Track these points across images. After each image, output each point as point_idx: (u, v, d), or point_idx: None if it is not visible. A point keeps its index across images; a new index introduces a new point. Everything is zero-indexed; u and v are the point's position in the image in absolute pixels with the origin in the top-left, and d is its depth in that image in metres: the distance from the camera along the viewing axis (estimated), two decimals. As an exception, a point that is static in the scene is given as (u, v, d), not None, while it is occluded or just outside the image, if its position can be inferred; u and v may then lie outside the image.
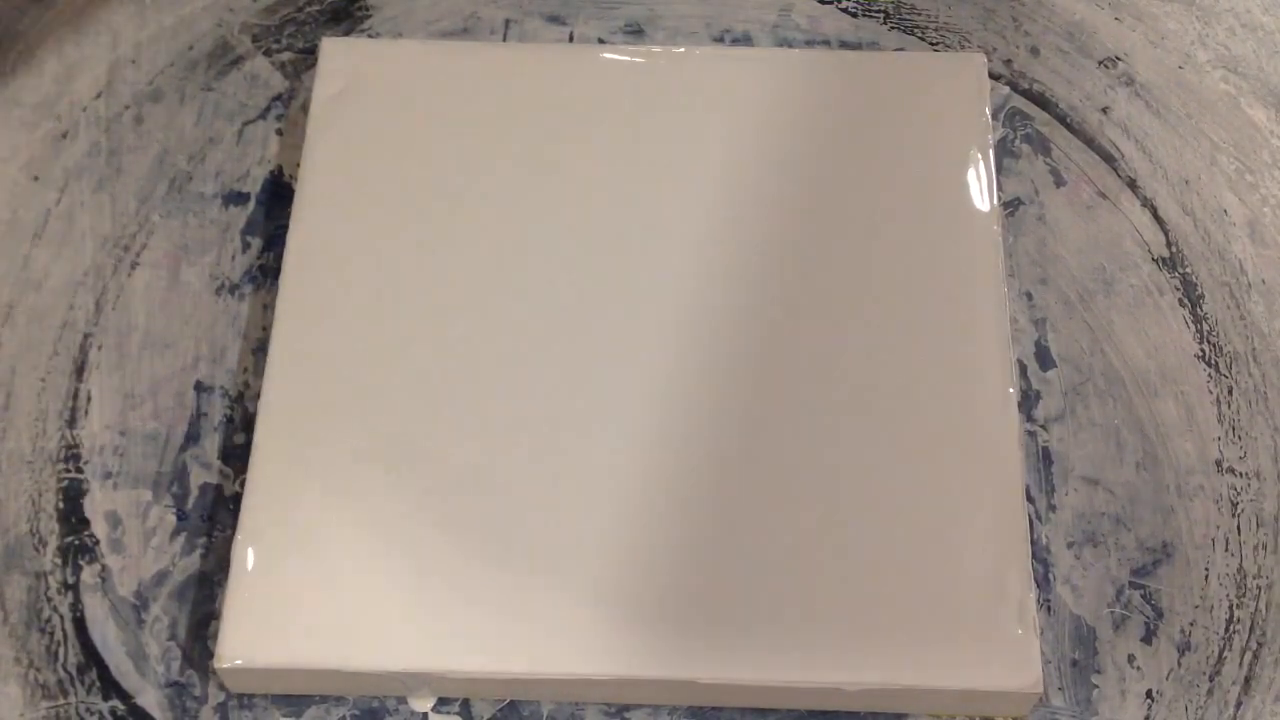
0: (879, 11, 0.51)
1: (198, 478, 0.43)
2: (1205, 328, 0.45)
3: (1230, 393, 0.44)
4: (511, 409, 0.42)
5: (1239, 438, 0.44)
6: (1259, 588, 0.42)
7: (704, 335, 0.43)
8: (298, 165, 0.46)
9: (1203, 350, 0.45)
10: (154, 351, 0.45)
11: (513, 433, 0.41)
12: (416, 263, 0.44)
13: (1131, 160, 0.48)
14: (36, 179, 0.48)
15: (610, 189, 0.45)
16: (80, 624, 0.41)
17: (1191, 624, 0.41)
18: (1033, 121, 0.49)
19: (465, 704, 0.40)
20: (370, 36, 0.50)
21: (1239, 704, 0.40)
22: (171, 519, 0.42)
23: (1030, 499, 0.43)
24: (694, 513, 0.40)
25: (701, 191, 0.45)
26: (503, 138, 0.46)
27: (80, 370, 0.44)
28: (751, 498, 0.41)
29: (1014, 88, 0.50)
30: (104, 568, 0.42)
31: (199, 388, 0.44)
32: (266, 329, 0.45)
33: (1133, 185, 0.48)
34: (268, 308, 0.45)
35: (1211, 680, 0.40)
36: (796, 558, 0.40)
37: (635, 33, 0.51)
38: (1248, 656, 0.41)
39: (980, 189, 0.45)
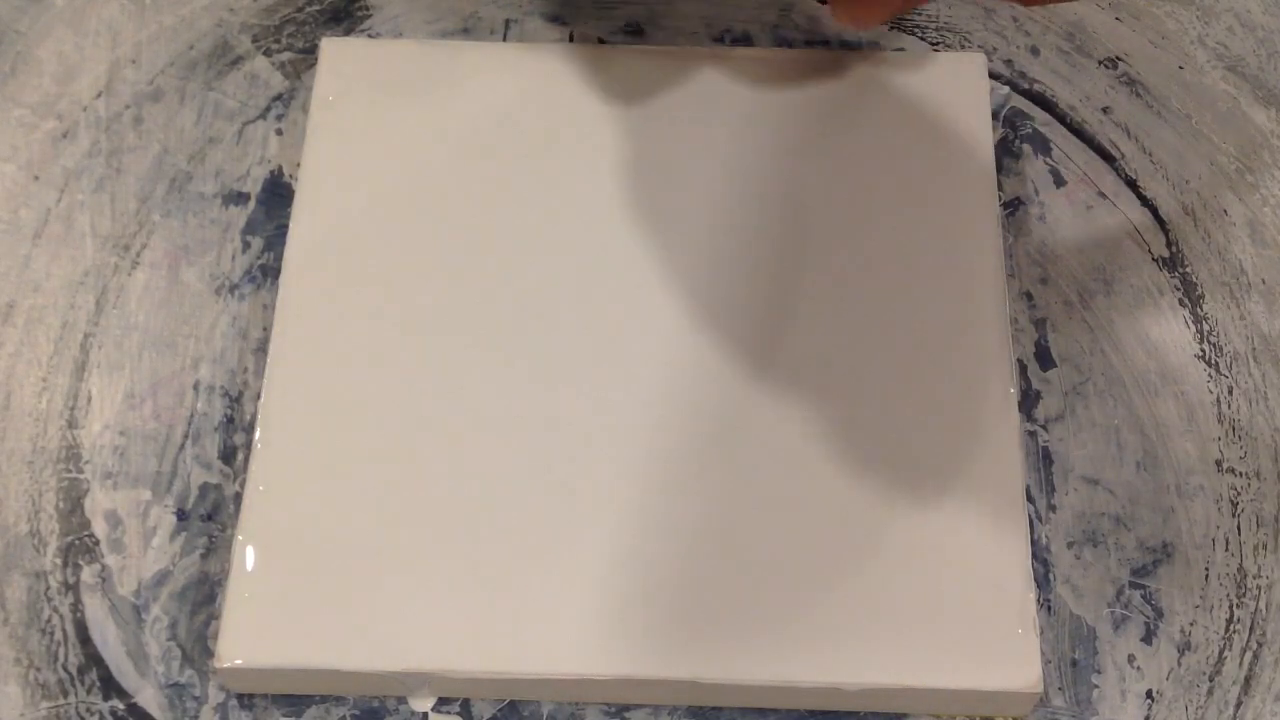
0: (879, 11, 0.51)
1: (198, 478, 0.43)
2: (1205, 328, 0.45)
3: (1230, 393, 0.44)
4: (512, 408, 0.42)
5: (1239, 438, 0.44)
6: (1259, 588, 0.42)
7: (704, 333, 0.43)
8: (298, 165, 0.46)
9: (1203, 350, 0.45)
10: (154, 351, 0.45)
11: (513, 432, 0.41)
12: (416, 262, 0.44)
13: (1131, 160, 0.48)
14: (36, 179, 0.48)
15: (610, 188, 0.45)
16: (80, 624, 0.41)
17: (1191, 624, 0.41)
18: (1033, 121, 0.49)
19: (465, 704, 0.40)
20: (370, 36, 0.50)
21: (1239, 704, 0.40)
22: (171, 519, 0.42)
23: (1030, 499, 0.43)
24: (694, 512, 0.40)
25: (701, 191, 0.45)
26: (503, 138, 0.46)
27: (80, 370, 0.44)
28: (751, 497, 0.41)
29: (1014, 88, 0.50)
30: (104, 568, 0.42)
31: (199, 388, 0.44)
32: (266, 329, 0.45)
33: (1133, 185, 0.48)
34: (268, 308, 0.45)
35: (1211, 680, 0.40)
36: (797, 558, 0.40)
37: (635, 33, 0.51)
38: (1248, 656, 0.41)
39: (980, 189, 0.45)
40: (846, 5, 0.40)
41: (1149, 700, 0.40)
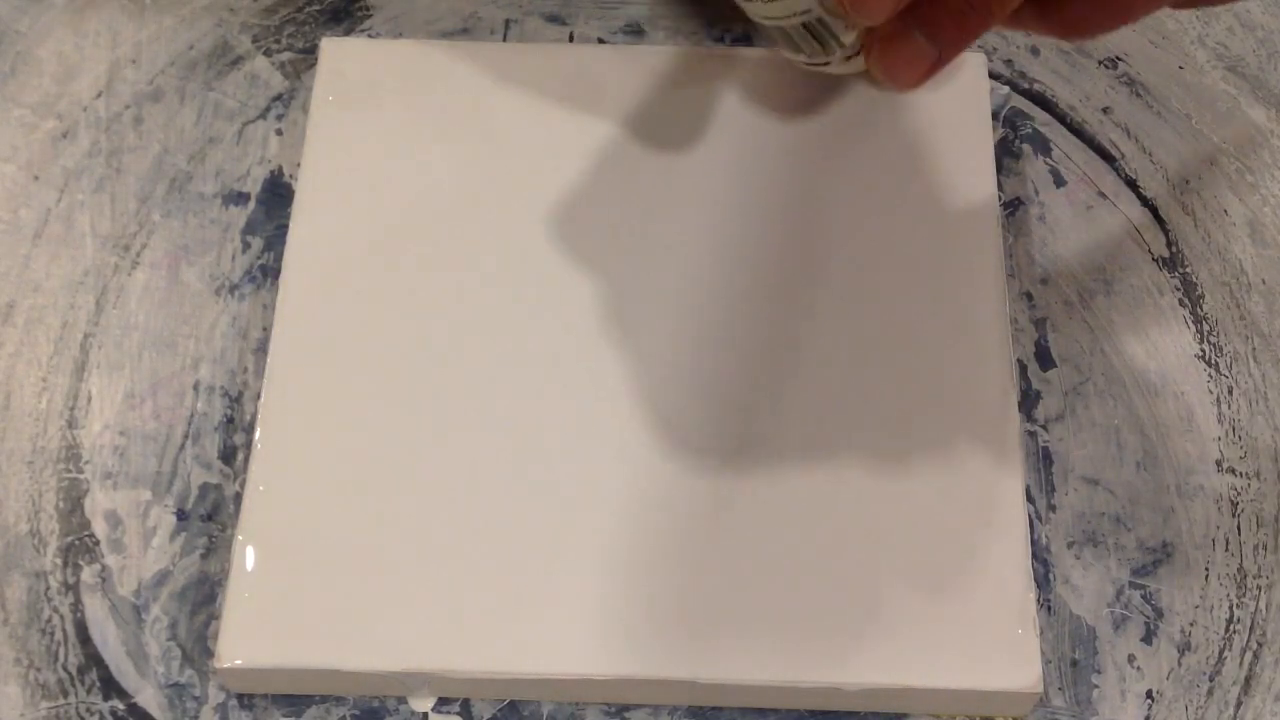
0: (879, 11, 0.51)
1: (198, 478, 0.43)
2: (1205, 328, 0.45)
3: (1230, 393, 0.44)
4: (512, 409, 0.42)
5: (1239, 438, 0.44)
6: (1259, 588, 0.42)
7: (703, 333, 0.43)
8: (298, 165, 0.46)
9: (1203, 350, 0.45)
10: (154, 351, 0.45)
11: (514, 431, 0.41)
12: (416, 262, 0.44)
13: (1131, 160, 0.48)
14: (36, 179, 0.48)
15: (610, 188, 0.45)
16: (80, 624, 0.41)
17: (1191, 624, 0.41)
18: (1033, 121, 0.49)
19: (465, 704, 0.40)
20: (370, 36, 0.50)
21: (1239, 704, 0.40)
22: (171, 519, 0.42)
23: (1030, 499, 0.43)
24: (694, 512, 0.40)
25: (700, 191, 0.45)
26: (503, 138, 0.46)
27: (80, 370, 0.44)
28: (751, 497, 0.41)
29: (1014, 88, 0.50)
30: (104, 568, 0.42)
31: (199, 388, 0.44)
32: (266, 329, 0.45)
33: (1133, 185, 0.48)
34: (268, 308, 0.45)
35: (1211, 680, 0.40)
36: (796, 558, 0.40)
37: (635, 33, 0.51)
38: (1248, 656, 0.41)
39: (980, 189, 0.45)
40: (882, 64, 0.39)
41: (1149, 700, 0.40)
